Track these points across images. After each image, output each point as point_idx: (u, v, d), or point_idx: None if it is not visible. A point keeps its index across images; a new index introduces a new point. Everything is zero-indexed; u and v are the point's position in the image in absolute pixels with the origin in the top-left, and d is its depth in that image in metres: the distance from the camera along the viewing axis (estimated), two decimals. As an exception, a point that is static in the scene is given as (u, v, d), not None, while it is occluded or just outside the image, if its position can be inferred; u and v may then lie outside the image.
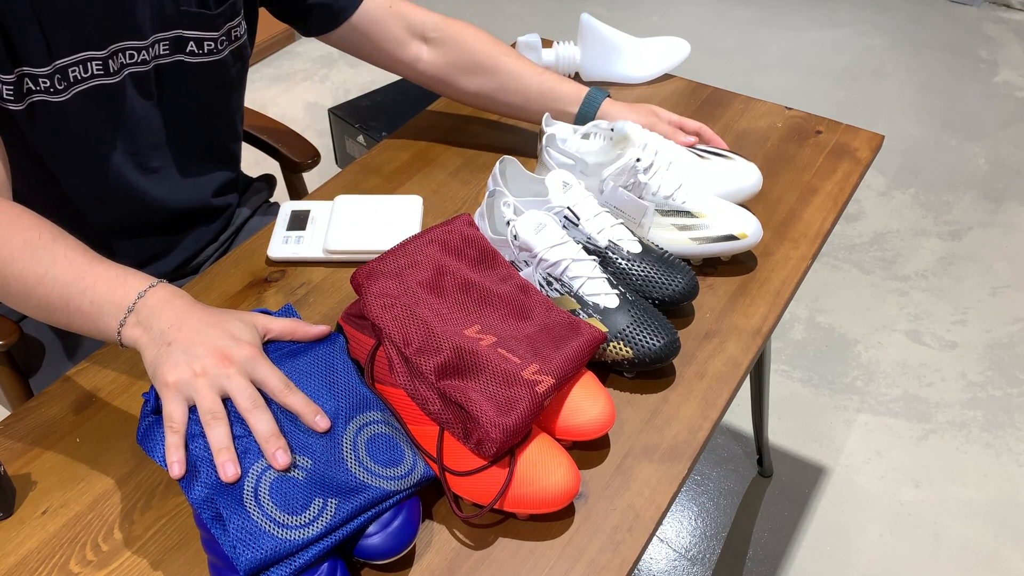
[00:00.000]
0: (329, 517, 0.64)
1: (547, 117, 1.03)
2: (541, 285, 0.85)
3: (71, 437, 0.78)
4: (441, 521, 0.72)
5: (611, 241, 0.87)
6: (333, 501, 0.65)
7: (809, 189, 1.08)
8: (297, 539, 0.62)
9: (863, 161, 1.13)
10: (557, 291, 0.83)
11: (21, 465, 0.76)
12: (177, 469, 0.66)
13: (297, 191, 1.34)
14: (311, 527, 0.63)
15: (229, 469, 0.65)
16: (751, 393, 1.55)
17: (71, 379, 0.84)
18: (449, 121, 1.22)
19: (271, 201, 1.28)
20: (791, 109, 1.23)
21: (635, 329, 0.80)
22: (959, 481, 1.66)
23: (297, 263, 0.98)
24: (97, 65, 0.89)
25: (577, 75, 1.31)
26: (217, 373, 0.68)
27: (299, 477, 0.66)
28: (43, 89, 0.87)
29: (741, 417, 1.79)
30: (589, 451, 0.77)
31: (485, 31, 1.11)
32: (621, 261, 0.87)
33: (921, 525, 1.58)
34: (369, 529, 0.66)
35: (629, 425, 0.79)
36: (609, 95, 1.09)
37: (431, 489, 0.73)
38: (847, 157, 1.14)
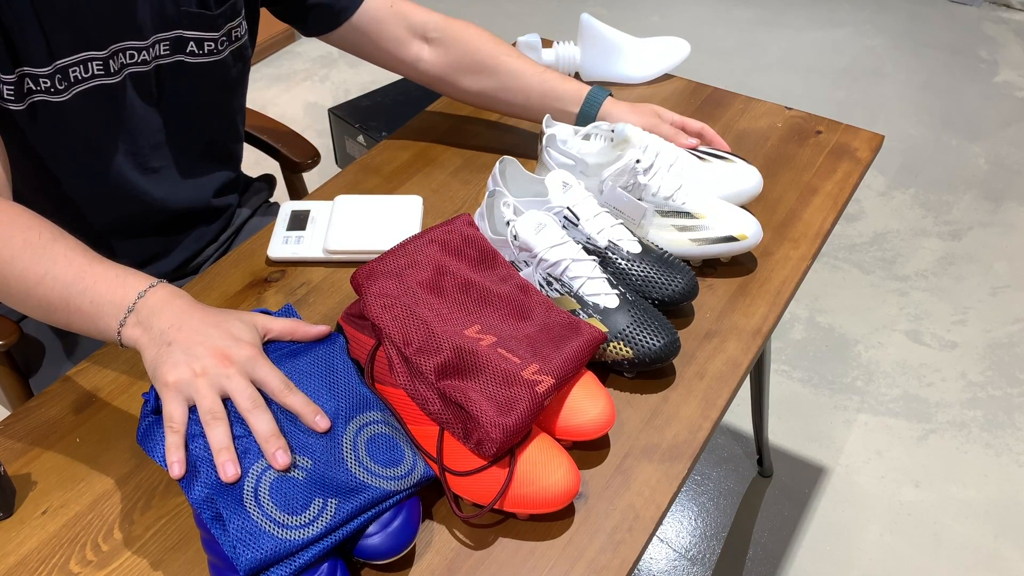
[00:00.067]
0: (329, 517, 0.64)
1: (548, 118, 1.03)
2: (541, 285, 0.85)
3: (71, 437, 0.78)
4: (441, 521, 0.72)
5: (611, 241, 0.87)
6: (333, 501, 0.65)
7: (809, 189, 1.08)
8: (297, 539, 0.62)
9: (863, 161, 1.13)
10: (557, 291, 0.83)
11: (21, 465, 0.76)
12: (177, 469, 0.66)
13: (297, 191, 1.34)
14: (311, 527, 0.63)
15: (229, 469, 0.65)
16: (751, 393, 1.55)
17: (71, 379, 0.84)
18: (449, 121, 1.22)
19: (271, 201, 1.28)
20: (791, 109, 1.23)
21: (635, 329, 0.80)
22: (959, 481, 1.66)
23: (297, 263, 0.98)
24: (98, 65, 0.89)
25: (577, 75, 1.31)
26: (217, 373, 0.68)
27: (299, 477, 0.66)
28: (44, 89, 0.87)
29: (741, 417, 1.79)
30: (589, 451, 0.77)
31: (486, 30, 1.11)
32: (621, 261, 0.87)
33: (921, 525, 1.58)
34: (369, 529, 0.66)
35: (629, 425, 0.79)
36: (611, 94, 1.08)
37: (431, 489, 0.73)
38: (847, 157, 1.14)
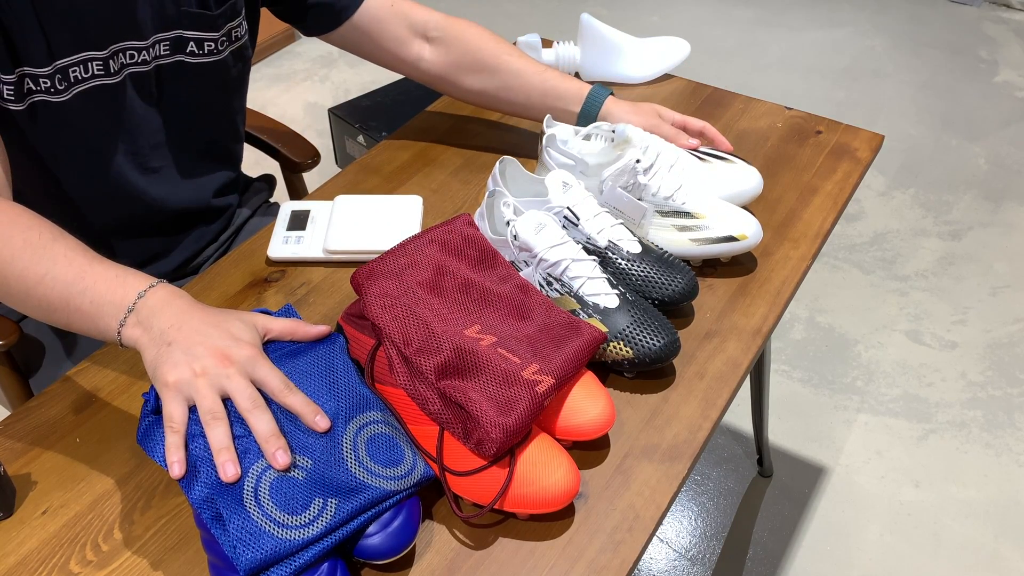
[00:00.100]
0: (329, 517, 0.64)
1: (548, 118, 1.03)
2: (541, 285, 0.85)
3: (71, 437, 0.78)
4: (441, 521, 0.72)
5: (611, 241, 0.87)
6: (333, 501, 0.65)
7: (809, 189, 1.08)
8: (297, 539, 0.62)
9: (863, 161, 1.13)
10: (557, 291, 0.83)
11: (21, 465, 0.76)
12: (177, 469, 0.66)
13: (297, 191, 1.34)
14: (311, 527, 0.63)
15: (229, 469, 0.65)
16: (751, 393, 1.55)
17: (71, 379, 0.84)
18: (449, 121, 1.22)
19: (271, 201, 1.28)
20: (791, 109, 1.23)
21: (635, 329, 0.80)
22: (959, 481, 1.66)
23: (297, 263, 0.98)
24: (98, 65, 0.89)
25: (577, 75, 1.31)
26: (217, 373, 0.68)
27: (299, 477, 0.66)
28: (44, 89, 0.87)
29: (741, 417, 1.79)
30: (589, 451, 0.77)
31: (487, 29, 1.11)
32: (621, 261, 0.87)
33: (921, 525, 1.58)
34: (369, 529, 0.66)
35: (629, 425, 0.79)
36: (612, 93, 1.08)
37: (431, 489, 0.73)
38: (847, 157, 1.14)
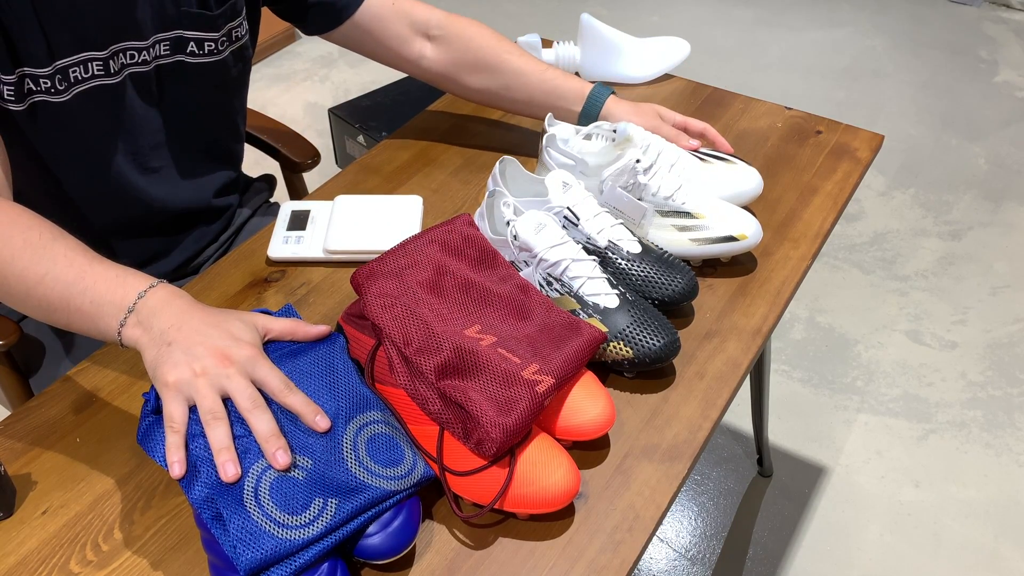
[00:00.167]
0: (329, 517, 0.64)
1: (550, 117, 1.03)
2: (541, 285, 0.85)
3: (71, 437, 0.78)
4: (441, 521, 0.72)
5: (611, 241, 0.87)
6: (333, 501, 0.65)
7: (809, 189, 1.08)
8: (297, 539, 0.62)
9: (863, 161, 1.13)
10: (557, 291, 0.83)
11: (21, 465, 0.76)
12: (177, 469, 0.66)
13: (297, 191, 1.34)
14: (311, 527, 0.63)
15: (229, 469, 0.65)
16: (751, 393, 1.55)
17: (71, 379, 0.84)
18: (449, 121, 1.22)
19: (271, 201, 1.28)
20: (791, 109, 1.23)
21: (635, 329, 0.80)
22: (959, 481, 1.66)
23: (297, 263, 0.98)
24: (98, 65, 0.89)
25: (577, 75, 1.30)
26: (217, 373, 0.68)
27: (299, 477, 0.66)
28: (44, 89, 0.87)
29: (741, 417, 1.79)
30: (589, 451, 0.77)
31: (488, 27, 1.11)
32: (621, 261, 0.87)
33: (921, 525, 1.58)
34: (369, 529, 0.66)
35: (629, 425, 0.79)
36: (614, 92, 1.08)
37: (431, 489, 0.73)
38: (847, 157, 1.14)
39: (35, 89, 0.86)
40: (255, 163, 1.49)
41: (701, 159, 1.01)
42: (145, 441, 0.70)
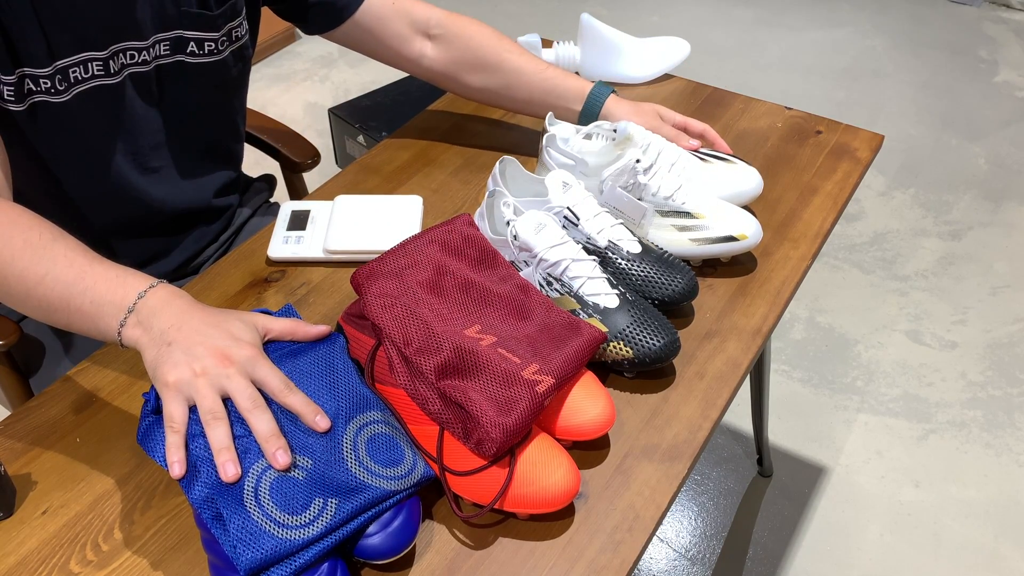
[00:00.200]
0: (329, 517, 0.64)
1: (550, 116, 1.03)
2: (541, 285, 0.85)
3: (71, 437, 0.78)
4: (441, 521, 0.72)
5: (611, 241, 0.87)
6: (333, 501, 0.65)
7: (809, 189, 1.08)
8: (297, 539, 0.62)
9: (863, 161, 1.13)
10: (557, 291, 0.83)
11: (21, 465, 0.76)
12: (177, 469, 0.66)
13: (297, 191, 1.34)
14: (311, 527, 0.63)
15: (229, 469, 0.65)
16: (751, 393, 1.55)
17: (71, 379, 0.84)
18: (449, 121, 1.22)
19: (271, 201, 1.28)
20: (791, 109, 1.23)
21: (635, 329, 0.80)
22: (959, 481, 1.66)
23: (297, 263, 0.98)
24: (98, 65, 0.89)
25: (577, 75, 1.30)
26: (217, 373, 0.68)
27: (299, 477, 0.66)
28: (44, 90, 0.87)
29: (741, 417, 1.79)
30: (589, 451, 0.77)
31: (489, 26, 1.11)
32: (621, 261, 0.87)
33: (921, 525, 1.58)
34: (369, 529, 0.66)
35: (629, 425, 0.79)
36: (614, 91, 1.08)
37: (431, 489, 0.73)
38: (847, 157, 1.14)
39: (35, 89, 0.86)
40: (255, 163, 1.49)
41: (701, 159, 1.01)
42: (145, 441, 0.70)
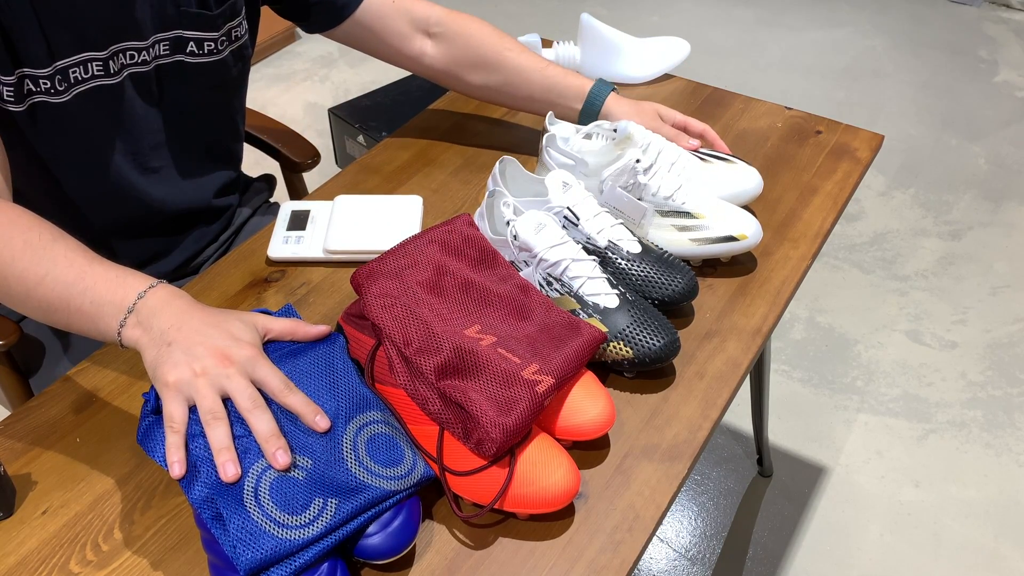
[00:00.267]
0: (329, 517, 0.64)
1: (550, 116, 1.03)
2: (541, 285, 0.85)
3: (71, 437, 0.78)
4: (441, 521, 0.72)
5: (611, 241, 0.87)
6: (333, 501, 0.65)
7: (809, 189, 1.08)
8: (297, 539, 0.62)
9: (863, 161, 1.13)
10: (557, 291, 0.83)
11: (21, 465, 0.76)
12: (177, 469, 0.66)
13: (297, 191, 1.34)
14: (311, 527, 0.63)
15: (229, 469, 0.65)
16: (751, 393, 1.55)
17: (71, 379, 0.84)
18: (449, 120, 1.22)
19: (271, 201, 1.28)
20: (791, 109, 1.23)
21: (635, 329, 0.80)
22: (959, 481, 1.66)
23: (297, 263, 0.98)
24: (97, 66, 0.89)
25: (578, 73, 1.30)
26: (217, 373, 0.68)
27: (299, 477, 0.66)
28: (43, 90, 0.87)
29: (741, 417, 1.79)
30: (589, 451, 0.77)
31: (489, 24, 1.11)
32: (621, 261, 0.87)
33: (921, 525, 1.58)
34: (369, 529, 0.66)
35: (629, 425, 0.79)
36: (615, 89, 1.08)
37: (431, 489, 0.73)
38: (847, 157, 1.14)
39: (35, 90, 0.86)
40: (255, 163, 1.49)
41: (701, 159, 1.01)
42: (145, 441, 0.70)
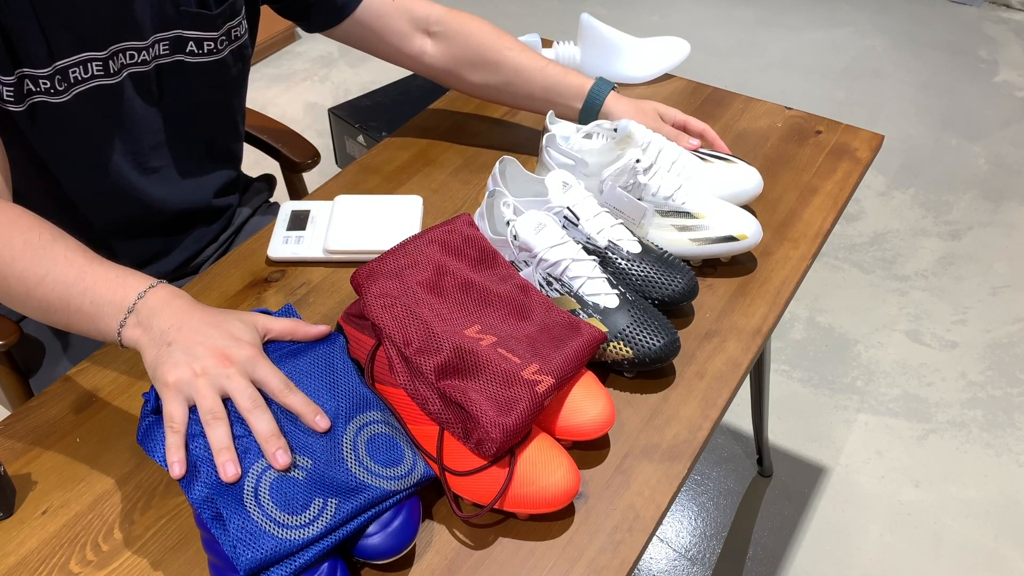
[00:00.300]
0: (329, 517, 0.64)
1: (551, 115, 1.03)
2: (541, 285, 0.85)
3: (71, 437, 0.78)
4: (441, 521, 0.72)
5: (611, 241, 0.87)
6: (333, 501, 0.65)
7: (809, 189, 1.08)
8: (297, 539, 0.62)
9: (863, 161, 1.13)
10: (557, 291, 0.83)
11: (21, 465, 0.76)
12: (177, 469, 0.66)
13: (297, 191, 1.34)
14: (311, 527, 0.63)
15: (229, 469, 0.65)
16: (751, 393, 1.55)
17: (71, 379, 0.84)
18: (449, 120, 1.22)
19: (271, 201, 1.28)
20: (791, 109, 1.23)
21: (635, 329, 0.80)
22: (959, 481, 1.66)
23: (297, 263, 0.98)
24: (97, 66, 0.89)
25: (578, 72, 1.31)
26: (217, 373, 0.68)
27: (299, 477, 0.66)
28: (43, 90, 0.87)
29: (741, 417, 1.79)
30: (589, 451, 0.77)
31: (489, 23, 1.11)
32: (621, 261, 0.87)
33: (921, 525, 1.58)
34: (369, 529, 0.66)
35: (629, 425, 0.79)
36: (615, 88, 1.08)
37: (431, 489, 0.73)
38: (847, 157, 1.14)
39: (35, 90, 0.86)
40: (255, 163, 1.49)
41: (702, 159, 1.01)
42: (145, 441, 0.70)
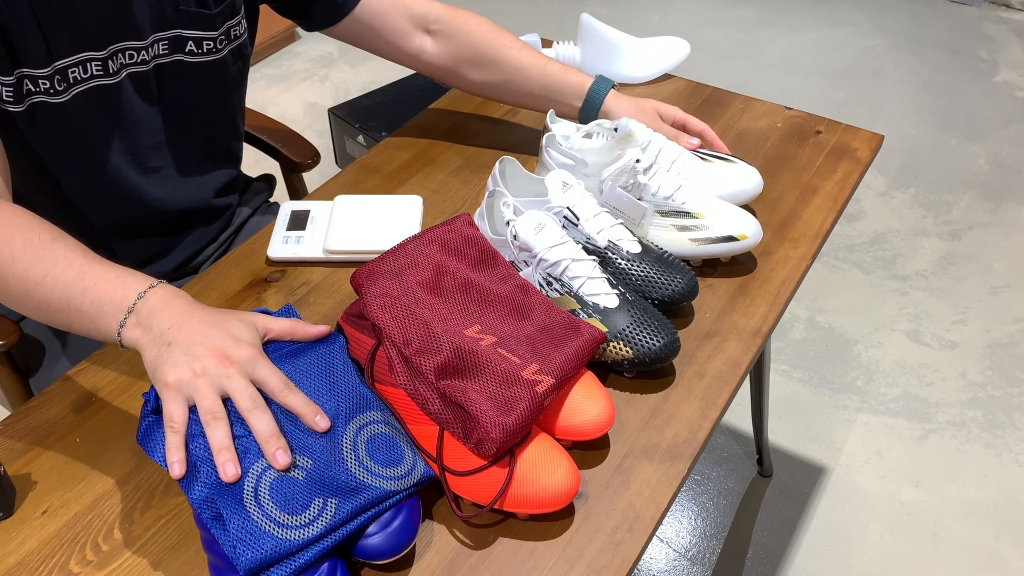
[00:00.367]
0: (329, 517, 0.64)
1: (551, 115, 1.03)
2: (541, 285, 0.85)
3: (71, 437, 0.78)
4: (441, 521, 0.72)
5: (611, 241, 0.87)
6: (333, 501, 0.65)
7: (809, 189, 1.08)
8: (297, 539, 0.62)
9: (863, 161, 1.13)
10: (557, 291, 0.83)
11: (21, 465, 0.76)
12: (177, 469, 0.66)
13: (297, 191, 1.34)
14: (311, 527, 0.63)
15: (229, 469, 0.65)
16: (751, 393, 1.55)
17: (71, 379, 0.84)
18: (449, 120, 1.22)
19: (271, 201, 1.28)
20: (791, 109, 1.23)
21: (635, 329, 0.80)
22: (959, 481, 1.66)
23: (297, 263, 0.98)
24: (97, 66, 0.89)
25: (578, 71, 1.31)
26: (217, 373, 0.68)
27: (299, 477, 0.66)
28: (43, 90, 0.87)
29: (741, 417, 1.79)
30: (589, 451, 0.77)
31: (489, 21, 1.11)
32: (621, 261, 0.87)
33: (921, 525, 1.58)
34: (369, 529, 0.66)
35: (629, 425, 0.79)
36: (615, 86, 1.08)
37: (431, 489, 0.73)
38: (847, 157, 1.14)
39: (34, 90, 0.86)
40: (255, 163, 1.49)
41: (702, 159, 1.01)
42: (145, 441, 0.70)
